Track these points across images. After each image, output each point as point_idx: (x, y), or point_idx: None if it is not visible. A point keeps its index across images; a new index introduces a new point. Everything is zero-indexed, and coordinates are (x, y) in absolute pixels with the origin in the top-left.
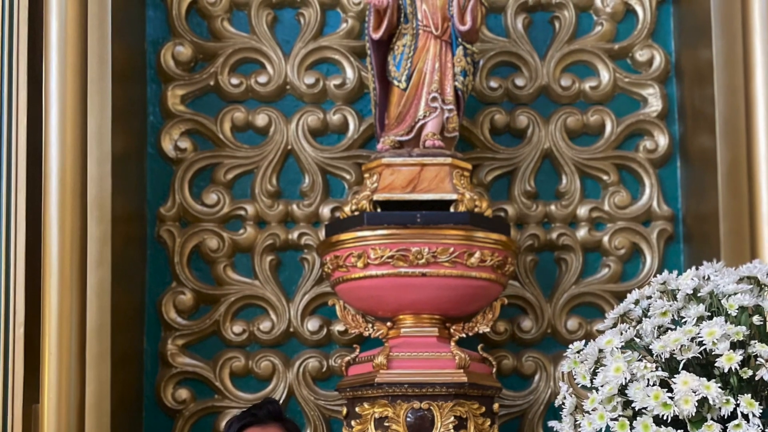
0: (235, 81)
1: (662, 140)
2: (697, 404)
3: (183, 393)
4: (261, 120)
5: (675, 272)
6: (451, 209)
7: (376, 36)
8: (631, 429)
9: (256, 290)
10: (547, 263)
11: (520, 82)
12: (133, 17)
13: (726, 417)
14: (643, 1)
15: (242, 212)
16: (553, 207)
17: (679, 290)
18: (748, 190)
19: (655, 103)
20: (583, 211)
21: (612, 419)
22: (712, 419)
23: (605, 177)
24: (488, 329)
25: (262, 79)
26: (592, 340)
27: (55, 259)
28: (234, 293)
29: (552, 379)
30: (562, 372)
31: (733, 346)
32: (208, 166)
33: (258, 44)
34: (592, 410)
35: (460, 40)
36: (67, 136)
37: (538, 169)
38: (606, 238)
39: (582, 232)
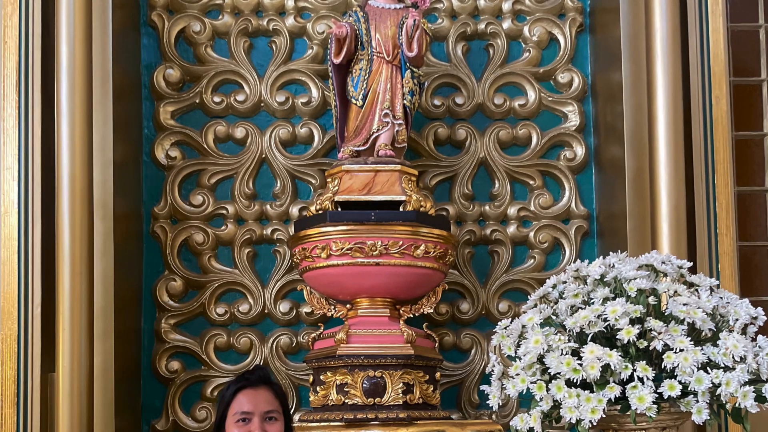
0: (217, 99)
1: (580, 150)
2: (601, 370)
3: (175, 364)
4: (239, 132)
5: (586, 261)
6: (401, 209)
7: (337, 61)
8: (547, 390)
9: (236, 277)
10: (482, 255)
11: (459, 100)
12: (130, 45)
13: (625, 380)
14: (564, 31)
15: (224, 211)
16: (487, 207)
17: (589, 276)
18: (650, 193)
19: (573, 119)
20: (512, 210)
21: (532, 383)
22: (614, 382)
23: (531, 182)
24: (432, 310)
25: (240, 97)
26: (517, 318)
27: (66, 250)
28: (217, 280)
29: (486, 353)
30: (492, 345)
31: (632, 322)
32: (194, 172)
33: (236, 68)
34: (516, 375)
35: (408, 64)
36: (76, 147)
37: (474, 174)
38: (532, 234)
39: (512, 229)
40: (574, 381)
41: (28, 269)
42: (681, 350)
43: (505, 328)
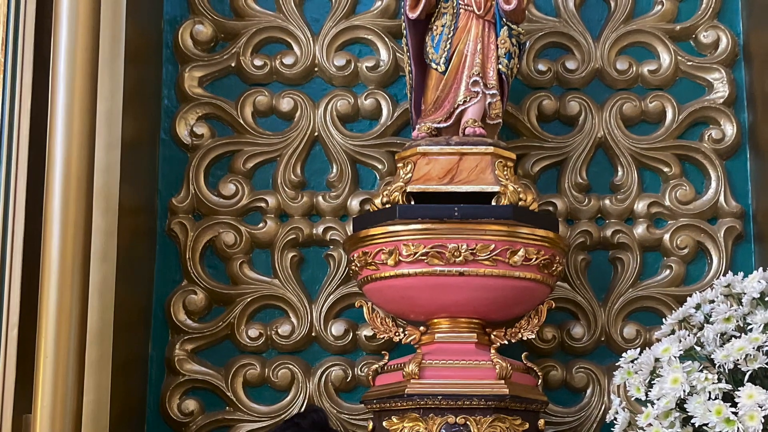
0: (258, 62)
1: (729, 129)
2: (764, 420)
3: (190, 404)
4: (286, 104)
5: (740, 274)
6: (493, 202)
7: (413, 15)
8: None
9: (275, 290)
10: (601, 263)
11: (571, 65)
12: None
13: None
14: None
15: (262, 204)
16: (607, 201)
17: (744, 294)
18: None
19: (721, 89)
20: (641, 206)
21: None
22: None
23: (666, 169)
24: (533, 336)
25: (288, 60)
26: (648, 349)
27: (55, 253)
28: (251, 293)
29: (606, 393)
30: (615, 384)
31: None
32: (226, 153)
33: (284, 23)
34: (647, 426)
35: (504, 19)
36: (75, 121)
37: (590, 159)
38: (667, 237)
39: (640, 230)
40: None
41: (4, 278)
42: None
43: (632, 361)
